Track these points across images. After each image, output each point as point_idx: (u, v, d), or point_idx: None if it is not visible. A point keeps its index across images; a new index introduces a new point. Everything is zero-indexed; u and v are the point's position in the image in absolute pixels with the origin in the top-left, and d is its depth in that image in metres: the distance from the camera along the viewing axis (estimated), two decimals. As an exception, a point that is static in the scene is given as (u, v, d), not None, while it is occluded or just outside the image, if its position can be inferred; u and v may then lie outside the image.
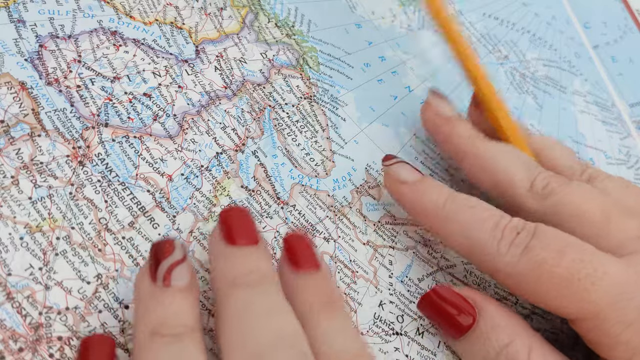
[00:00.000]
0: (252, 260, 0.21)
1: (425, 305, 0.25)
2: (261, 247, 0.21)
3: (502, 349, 0.23)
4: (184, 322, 0.19)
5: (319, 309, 0.21)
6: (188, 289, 0.20)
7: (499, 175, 0.26)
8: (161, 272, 0.20)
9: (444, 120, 0.29)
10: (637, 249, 0.23)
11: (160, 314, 0.19)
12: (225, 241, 0.21)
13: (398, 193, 0.26)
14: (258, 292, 0.20)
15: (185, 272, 0.20)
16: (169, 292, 0.19)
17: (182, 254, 0.20)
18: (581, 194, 0.25)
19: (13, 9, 0.25)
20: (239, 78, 0.28)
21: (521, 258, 0.23)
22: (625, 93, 0.43)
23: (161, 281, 0.20)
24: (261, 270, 0.21)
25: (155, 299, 0.19)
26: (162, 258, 0.20)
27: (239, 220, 0.21)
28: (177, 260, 0.20)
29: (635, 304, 0.22)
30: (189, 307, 0.20)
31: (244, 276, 0.20)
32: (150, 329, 0.19)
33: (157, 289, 0.20)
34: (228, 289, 0.20)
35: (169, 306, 0.19)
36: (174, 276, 0.20)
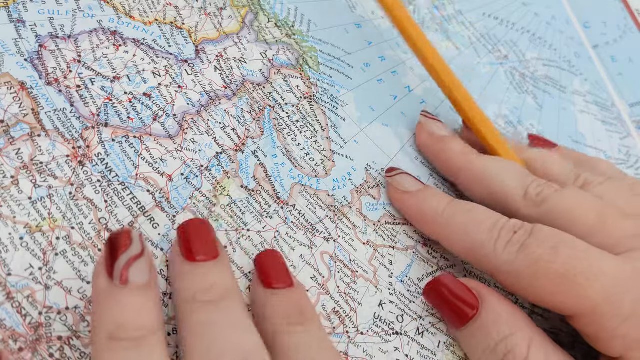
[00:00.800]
0: (212, 275, 0.20)
1: (430, 293, 0.26)
2: (221, 260, 0.21)
3: (501, 340, 0.23)
4: (144, 324, 0.18)
5: (292, 321, 0.21)
6: (147, 286, 0.19)
7: (494, 186, 0.27)
8: (118, 268, 0.18)
9: (438, 140, 0.30)
10: (634, 247, 0.23)
11: (117, 315, 0.18)
12: (184, 258, 0.21)
13: (401, 202, 0.28)
14: (219, 308, 0.20)
15: (145, 267, 0.19)
16: (127, 290, 0.18)
17: (140, 247, 0.19)
18: (574, 200, 0.25)
19: (13, 9, 0.25)
20: (239, 78, 0.28)
21: (518, 256, 0.23)
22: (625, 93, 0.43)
23: (118, 279, 0.18)
24: (222, 285, 0.20)
25: (112, 298, 0.18)
26: (119, 253, 0.19)
27: (197, 234, 0.21)
28: (135, 255, 0.19)
29: (631, 299, 0.22)
30: (149, 307, 0.19)
31: (205, 292, 0.20)
32: (107, 333, 0.18)
33: (115, 288, 0.18)
34: (189, 306, 0.20)
35: (127, 307, 0.18)
36: (132, 273, 0.18)
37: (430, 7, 0.38)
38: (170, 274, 0.21)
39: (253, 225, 0.25)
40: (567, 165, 0.29)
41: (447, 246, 0.26)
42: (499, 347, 0.23)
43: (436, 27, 0.38)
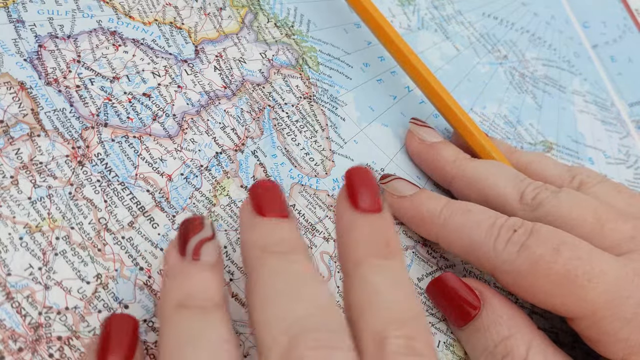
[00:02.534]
0: (282, 231, 0.20)
1: (433, 290, 0.26)
2: (291, 220, 0.21)
3: (501, 341, 0.23)
4: (211, 297, 0.19)
5: (373, 255, 0.19)
6: (216, 265, 0.20)
7: (489, 192, 0.27)
8: (190, 247, 0.19)
9: (429, 147, 0.29)
10: (632, 248, 0.23)
11: (187, 287, 0.19)
12: (255, 213, 0.20)
13: (397, 207, 0.27)
14: (290, 260, 0.19)
15: (214, 249, 0.20)
16: (198, 266, 0.19)
17: (212, 231, 0.20)
18: (571, 202, 0.25)
19: (12, 9, 0.25)
20: (239, 78, 0.28)
21: (518, 255, 0.23)
22: (624, 92, 0.43)
23: (190, 256, 0.19)
24: (292, 240, 0.20)
25: (183, 272, 0.19)
26: (191, 234, 0.20)
27: (268, 193, 0.21)
28: (207, 237, 0.20)
29: (633, 302, 0.22)
30: (216, 283, 0.19)
31: (275, 245, 0.20)
32: (176, 301, 0.19)
33: (186, 263, 0.19)
34: (259, 256, 0.19)
35: (197, 280, 0.19)
36: (203, 252, 0.19)
37: (430, 7, 0.39)
38: (241, 227, 0.21)
39: (253, 225, 0.25)
40: (561, 167, 0.29)
41: (446, 247, 0.26)
42: (498, 348, 0.23)
43: (435, 27, 0.38)
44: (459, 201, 0.26)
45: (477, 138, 0.29)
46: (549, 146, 0.36)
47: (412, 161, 0.31)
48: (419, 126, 0.30)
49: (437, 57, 0.36)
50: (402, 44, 0.30)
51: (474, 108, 0.35)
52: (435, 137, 0.30)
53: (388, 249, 0.20)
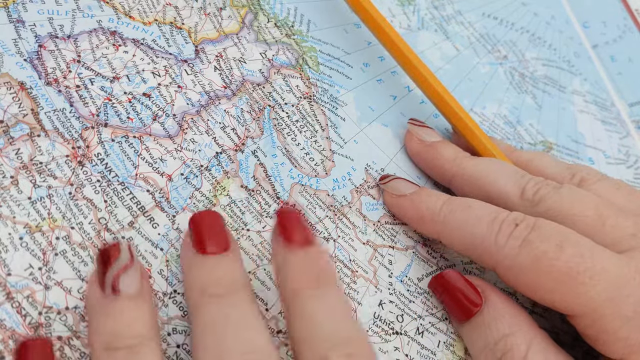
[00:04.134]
0: (223, 268, 0.20)
1: (436, 286, 0.26)
2: (232, 252, 0.21)
3: (501, 338, 0.23)
4: (138, 332, 0.19)
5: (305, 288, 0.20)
6: (139, 294, 0.19)
7: (489, 189, 0.27)
8: (109, 279, 0.19)
9: (428, 146, 0.29)
10: (634, 246, 0.23)
11: (111, 326, 0.18)
12: (195, 249, 0.21)
13: (398, 206, 0.27)
14: (228, 303, 0.20)
15: (135, 277, 0.19)
16: (119, 301, 0.19)
17: (129, 256, 0.19)
18: (572, 198, 0.25)
19: (12, 9, 0.25)
20: (239, 78, 0.28)
21: (520, 251, 0.23)
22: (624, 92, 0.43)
23: (110, 290, 0.19)
24: (231, 278, 0.20)
25: (105, 310, 0.19)
26: (108, 265, 0.19)
27: (209, 226, 0.21)
28: (125, 265, 0.19)
29: (634, 300, 0.22)
30: (142, 315, 0.19)
31: (215, 285, 0.20)
32: (104, 343, 0.18)
33: (107, 299, 0.19)
34: (198, 300, 0.20)
35: (120, 317, 0.18)
36: (122, 283, 0.19)
37: (430, 7, 0.39)
38: (182, 265, 0.21)
39: (253, 225, 0.25)
40: (561, 165, 0.29)
41: (447, 244, 0.26)
42: (498, 345, 0.23)
43: (435, 27, 0.38)
44: (459, 197, 0.26)
45: (478, 136, 0.29)
46: (549, 146, 0.36)
47: (412, 161, 0.31)
48: (418, 126, 0.30)
49: (437, 57, 0.36)
50: (402, 44, 0.30)
51: (474, 108, 0.35)
52: (435, 136, 0.30)
53: (319, 280, 0.20)
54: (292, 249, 0.21)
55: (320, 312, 0.20)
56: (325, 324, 0.20)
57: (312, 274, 0.21)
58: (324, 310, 0.20)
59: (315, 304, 0.20)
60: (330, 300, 0.20)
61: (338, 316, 0.20)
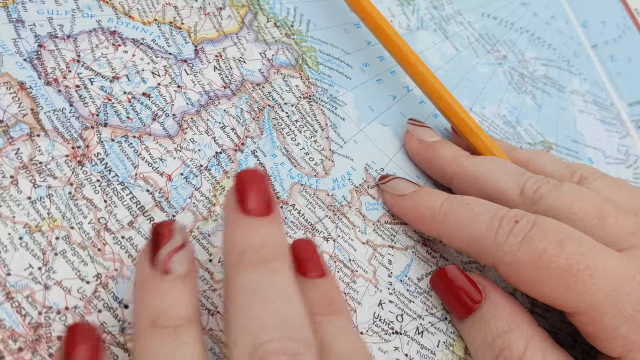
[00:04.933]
0: (265, 233, 0.20)
1: (436, 283, 0.26)
2: (275, 218, 0.20)
3: (499, 335, 0.23)
4: (182, 314, 0.19)
5: (321, 311, 0.21)
6: (187, 276, 0.19)
7: (489, 187, 0.27)
8: (160, 258, 0.19)
9: (427, 146, 0.30)
10: (634, 244, 0.23)
11: (159, 303, 0.19)
12: (238, 207, 0.20)
13: (398, 206, 0.28)
14: (267, 272, 0.19)
15: (185, 259, 0.20)
16: (168, 280, 0.19)
17: (182, 239, 0.20)
18: (572, 195, 0.25)
19: (12, 9, 0.25)
20: (238, 78, 0.28)
21: (520, 247, 0.23)
22: (624, 92, 0.43)
23: (161, 269, 0.19)
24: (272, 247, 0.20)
25: (154, 287, 0.19)
26: (160, 242, 0.20)
27: (253, 186, 0.20)
28: (177, 247, 0.20)
29: (634, 299, 0.22)
30: (187, 297, 0.19)
31: (255, 251, 0.19)
32: (149, 319, 0.19)
33: (156, 276, 0.19)
34: (237, 265, 0.19)
35: (167, 296, 0.19)
36: (173, 263, 0.19)
37: (429, 7, 0.39)
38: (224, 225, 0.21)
39: (252, 224, 0.25)
40: (561, 163, 0.29)
41: (448, 242, 0.26)
42: (496, 341, 0.23)
43: (435, 27, 0.38)
44: (459, 196, 0.26)
45: (478, 135, 0.29)
46: (549, 146, 0.37)
47: (411, 161, 0.31)
48: (417, 126, 0.30)
49: (437, 57, 0.36)
50: (402, 43, 0.30)
51: (473, 108, 0.35)
52: (434, 136, 0.30)
53: (332, 306, 0.21)
54: (311, 278, 0.22)
55: (332, 335, 0.20)
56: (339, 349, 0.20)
57: (326, 302, 0.21)
58: (337, 333, 0.21)
59: (329, 328, 0.21)
60: (343, 325, 0.21)
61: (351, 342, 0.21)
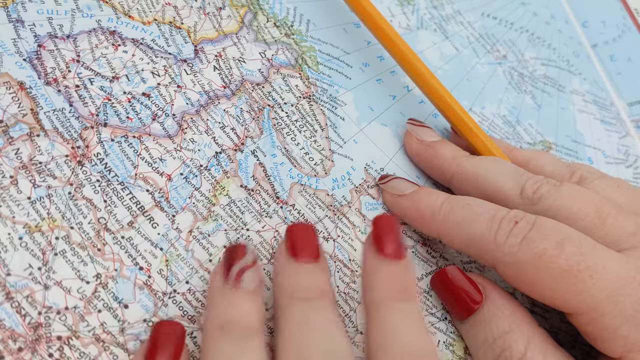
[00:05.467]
0: (311, 276, 0.22)
1: (437, 283, 0.26)
2: (321, 264, 0.23)
3: (500, 335, 0.23)
4: (251, 324, 0.20)
5: (391, 298, 0.21)
6: (256, 292, 0.21)
7: (489, 188, 0.27)
8: (233, 273, 0.21)
9: (427, 146, 0.30)
10: (634, 244, 0.23)
11: (229, 312, 0.20)
12: (289, 256, 0.22)
13: (398, 205, 0.28)
14: (313, 307, 0.21)
15: (255, 276, 0.21)
16: (239, 293, 0.21)
17: (253, 258, 0.22)
18: (572, 196, 0.25)
19: (12, 9, 0.25)
20: (238, 77, 0.28)
21: (520, 248, 0.23)
22: (623, 92, 0.43)
23: (232, 282, 0.21)
24: (318, 286, 0.22)
25: (226, 298, 0.21)
26: (234, 261, 0.21)
27: (303, 236, 0.23)
28: (248, 265, 0.21)
29: (634, 299, 0.22)
30: (255, 310, 0.21)
31: (303, 291, 0.21)
32: (219, 324, 0.20)
33: (228, 289, 0.21)
34: (286, 302, 0.21)
35: (238, 306, 0.20)
36: (244, 279, 0.21)
37: (429, 7, 0.39)
38: (274, 270, 0.23)
39: (252, 224, 0.25)
40: (560, 163, 0.29)
41: (448, 242, 0.26)
42: (497, 342, 0.23)
43: (435, 26, 0.38)
44: (459, 196, 0.26)
45: (478, 135, 0.29)
46: (548, 146, 0.37)
47: (411, 160, 0.31)
48: (417, 126, 0.30)
49: (436, 57, 0.36)
50: (401, 43, 0.30)
51: (473, 108, 0.35)
52: (434, 136, 0.30)
53: (405, 293, 0.21)
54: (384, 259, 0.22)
55: (400, 324, 0.21)
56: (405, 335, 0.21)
57: (399, 286, 0.22)
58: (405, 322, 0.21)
59: (397, 315, 0.21)
60: (412, 314, 0.21)
61: (417, 330, 0.21)
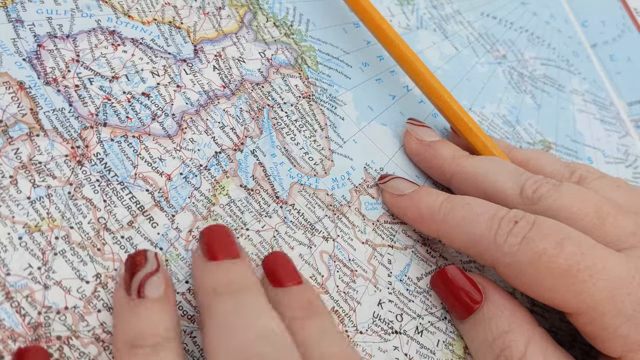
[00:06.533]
0: (234, 271, 0.21)
1: (437, 283, 0.26)
2: (243, 260, 0.22)
3: (500, 335, 0.23)
4: (161, 332, 0.19)
5: (302, 314, 0.21)
6: (164, 298, 0.20)
7: (489, 187, 0.27)
8: (135, 284, 0.20)
9: (427, 146, 0.30)
10: (634, 244, 0.23)
11: (136, 325, 0.19)
12: (207, 257, 0.21)
13: (397, 205, 0.28)
14: (241, 298, 0.20)
15: (159, 282, 0.20)
16: (144, 303, 0.20)
17: (155, 264, 0.21)
18: (572, 195, 0.25)
19: (11, 9, 0.25)
20: (238, 77, 0.28)
21: (520, 248, 0.23)
22: (623, 92, 0.43)
23: (135, 293, 0.20)
24: (243, 279, 0.21)
25: (130, 311, 0.20)
26: (135, 270, 0.20)
27: (219, 236, 0.22)
28: (151, 272, 0.20)
29: (634, 298, 0.22)
30: (165, 317, 0.20)
31: (226, 286, 0.20)
32: (128, 342, 0.19)
33: (132, 301, 0.20)
34: (211, 299, 0.20)
35: (144, 317, 0.19)
36: (147, 287, 0.20)
37: (429, 7, 0.39)
38: (193, 274, 0.22)
39: (252, 224, 0.25)
40: (560, 163, 0.29)
41: (447, 243, 0.26)
42: (497, 342, 0.23)
43: (434, 26, 0.38)
44: (459, 196, 0.26)
45: (477, 135, 0.29)
46: (548, 146, 0.37)
47: (411, 160, 0.31)
48: (416, 126, 0.30)
49: (436, 57, 0.36)
50: (401, 43, 0.30)
51: (473, 108, 0.35)
52: (433, 136, 0.30)
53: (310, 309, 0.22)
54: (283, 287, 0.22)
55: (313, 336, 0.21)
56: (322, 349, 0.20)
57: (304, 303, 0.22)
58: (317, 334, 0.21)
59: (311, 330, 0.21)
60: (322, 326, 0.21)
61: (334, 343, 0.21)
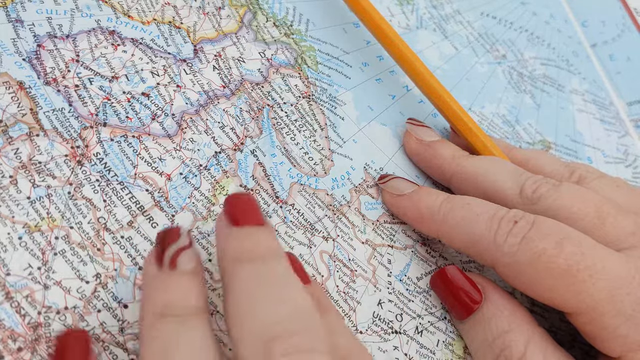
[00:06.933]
0: (257, 237, 0.20)
1: (436, 283, 0.26)
2: (267, 227, 0.21)
3: (500, 335, 0.23)
4: (191, 304, 0.19)
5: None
6: (194, 272, 0.20)
7: (489, 187, 0.27)
8: (167, 257, 0.20)
9: (426, 146, 0.29)
10: (634, 244, 0.23)
11: (167, 296, 0.19)
12: (230, 223, 0.20)
13: (397, 205, 0.28)
14: (266, 265, 0.20)
15: (191, 256, 0.20)
16: (176, 275, 0.20)
17: (188, 240, 0.21)
18: (572, 195, 0.25)
19: (11, 9, 0.25)
20: (238, 77, 0.28)
21: (520, 248, 0.23)
22: (623, 91, 0.43)
23: (167, 266, 0.20)
24: (267, 245, 0.20)
25: (162, 282, 0.20)
26: (168, 244, 0.20)
27: (244, 203, 0.21)
28: (183, 246, 0.20)
29: (634, 298, 0.22)
30: (195, 290, 0.20)
31: (250, 252, 0.20)
32: (157, 311, 0.19)
33: (164, 273, 0.20)
34: (234, 265, 0.20)
35: (175, 289, 0.19)
36: (180, 261, 0.20)
37: (429, 7, 0.39)
38: (217, 241, 0.21)
39: (252, 224, 0.25)
40: (560, 163, 0.29)
41: (447, 243, 0.26)
42: (497, 341, 0.23)
43: (434, 26, 0.38)
44: (458, 196, 0.26)
45: (477, 135, 0.29)
46: (548, 145, 0.37)
47: (411, 160, 0.31)
48: (416, 126, 0.30)
49: (436, 57, 0.36)
50: (401, 43, 0.30)
51: (473, 108, 0.35)
52: (433, 136, 0.30)
53: (320, 306, 0.20)
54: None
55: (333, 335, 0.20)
56: None
57: None
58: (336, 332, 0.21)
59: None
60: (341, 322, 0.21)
61: None
